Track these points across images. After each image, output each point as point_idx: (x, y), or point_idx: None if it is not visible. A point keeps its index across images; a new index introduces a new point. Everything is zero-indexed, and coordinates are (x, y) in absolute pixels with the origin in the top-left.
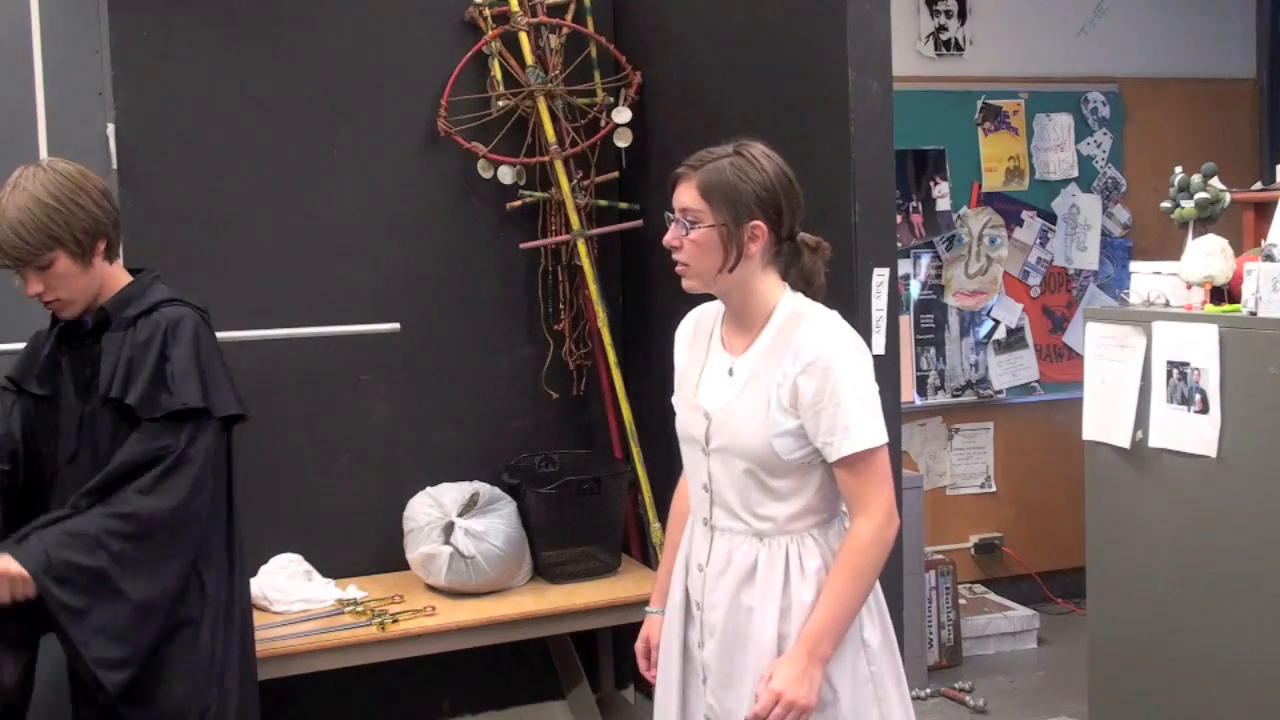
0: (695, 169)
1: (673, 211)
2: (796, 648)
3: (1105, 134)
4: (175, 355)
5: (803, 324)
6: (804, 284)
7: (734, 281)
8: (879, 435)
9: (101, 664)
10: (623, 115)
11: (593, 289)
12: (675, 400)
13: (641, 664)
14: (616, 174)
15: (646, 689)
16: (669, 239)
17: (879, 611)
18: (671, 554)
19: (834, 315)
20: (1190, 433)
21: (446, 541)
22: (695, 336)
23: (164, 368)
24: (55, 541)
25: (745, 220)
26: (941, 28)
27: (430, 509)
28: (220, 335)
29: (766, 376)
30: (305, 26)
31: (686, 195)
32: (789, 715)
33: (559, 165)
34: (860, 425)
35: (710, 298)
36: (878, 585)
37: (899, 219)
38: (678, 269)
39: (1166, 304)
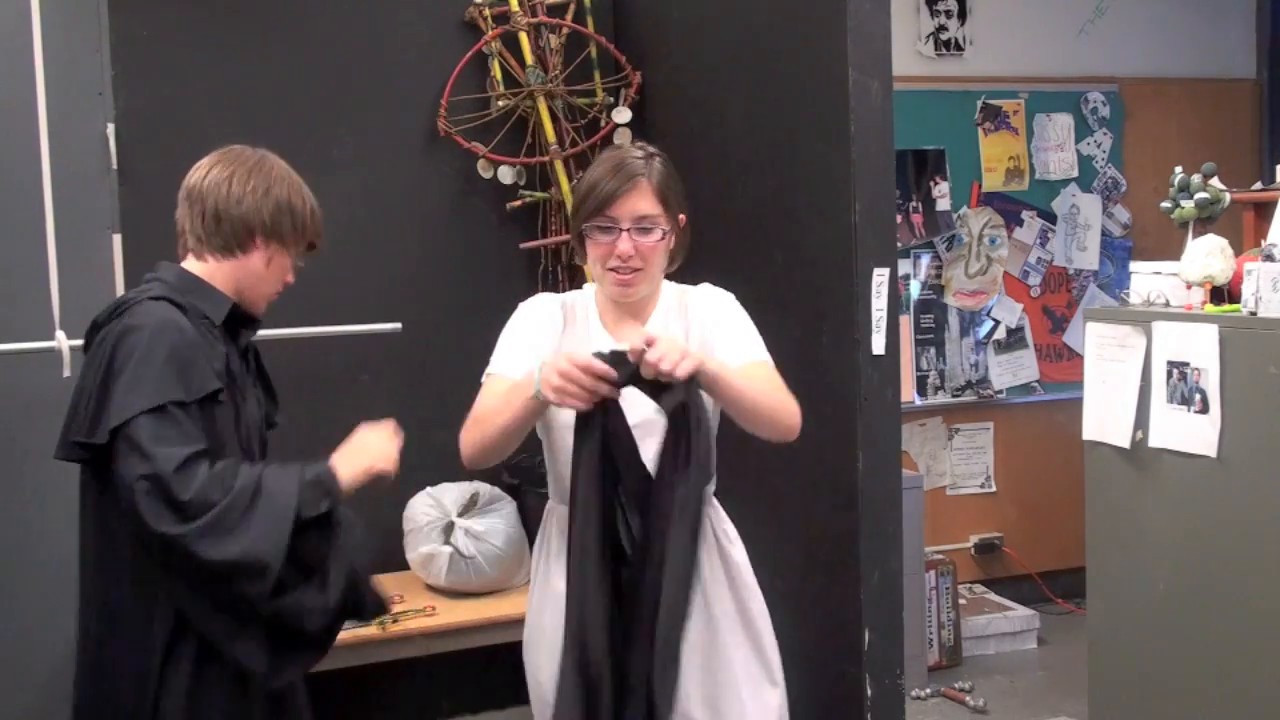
0: (644, 175)
1: (614, 224)
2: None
3: (1105, 134)
4: None
5: (688, 292)
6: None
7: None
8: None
9: None
10: (623, 115)
11: None
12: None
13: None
14: None
15: None
16: (625, 251)
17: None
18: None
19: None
20: (1190, 433)
21: (446, 541)
22: (565, 321)
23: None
24: None
25: (678, 215)
26: (941, 28)
27: (430, 509)
28: None
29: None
30: (305, 26)
31: (643, 202)
32: (673, 351)
33: (559, 165)
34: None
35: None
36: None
37: (899, 219)
38: (627, 278)
39: (1166, 304)
